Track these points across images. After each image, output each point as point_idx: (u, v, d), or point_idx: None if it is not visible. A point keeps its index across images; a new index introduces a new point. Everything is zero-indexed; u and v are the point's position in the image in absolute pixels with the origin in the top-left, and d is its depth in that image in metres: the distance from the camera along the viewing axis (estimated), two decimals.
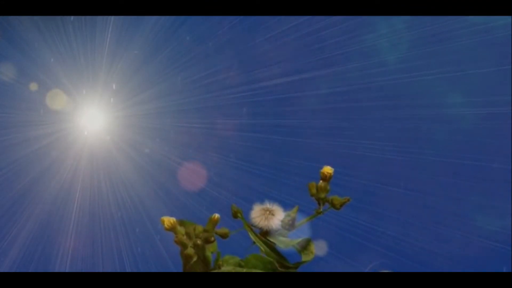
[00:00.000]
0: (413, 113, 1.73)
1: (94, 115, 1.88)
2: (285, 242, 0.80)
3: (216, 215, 0.77)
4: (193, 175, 1.79)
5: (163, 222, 0.77)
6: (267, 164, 1.79)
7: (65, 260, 1.76)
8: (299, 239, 0.81)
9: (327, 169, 0.85)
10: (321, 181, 0.84)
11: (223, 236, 0.78)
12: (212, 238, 0.77)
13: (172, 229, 0.77)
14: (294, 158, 1.77)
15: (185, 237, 0.77)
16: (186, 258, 0.77)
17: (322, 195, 0.84)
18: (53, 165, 1.83)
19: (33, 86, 1.81)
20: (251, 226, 0.80)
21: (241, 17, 1.71)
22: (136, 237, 1.79)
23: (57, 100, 1.82)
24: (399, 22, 1.68)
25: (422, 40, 1.68)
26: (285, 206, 0.81)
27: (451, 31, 1.65)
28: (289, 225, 0.81)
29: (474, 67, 1.66)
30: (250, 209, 0.80)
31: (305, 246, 0.81)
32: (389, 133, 1.75)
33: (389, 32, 1.70)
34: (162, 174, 1.83)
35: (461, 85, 1.70)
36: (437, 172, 1.71)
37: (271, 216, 0.79)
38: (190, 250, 0.76)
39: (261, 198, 0.81)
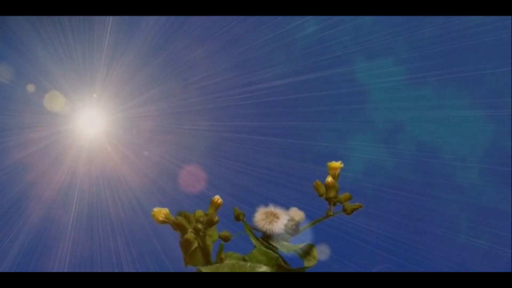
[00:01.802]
0: (413, 114, 1.73)
1: (93, 117, 1.88)
2: (287, 247, 0.77)
3: (219, 199, 0.73)
4: (192, 178, 1.79)
5: (156, 215, 0.70)
6: (267, 166, 1.79)
7: (64, 260, 1.76)
8: (302, 244, 0.77)
9: (336, 164, 0.77)
10: (329, 178, 0.77)
11: (225, 239, 0.75)
12: (216, 218, 0.71)
13: (166, 219, 0.71)
14: (294, 160, 1.77)
15: (184, 220, 0.71)
16: (186, 244, 0.72)
17: (332, 194, 0.77)
18: (51, 166, 1.83)
19: (31, 88, 1.80)
20: (254, 230, 0.77)
21: (241, 17, 1.71)
22: (135, 239, 1.78)
23: (55, 102, 1.82)
24: (399, 22, 1.68)
25: (423, 41, 1.68)
26: (286, 209, 0.79)
27: (451, 32, 1.65)
28: (293, 230, 0.78)
29: (475, 68, 1.66)
30: (250, 212, 0.78)
31: (307, 252, 0.77)
32: (389, 134, 1.75)
33: (390, 33, 1.70)
34: (161, 176, 1.83)
35: (460, 86, 1.70)
36: (437, 173, 1.71)
37: (275, 219, 0.76)
38: (189, 235, 0.71)
39: (261, 200, 0.79)
